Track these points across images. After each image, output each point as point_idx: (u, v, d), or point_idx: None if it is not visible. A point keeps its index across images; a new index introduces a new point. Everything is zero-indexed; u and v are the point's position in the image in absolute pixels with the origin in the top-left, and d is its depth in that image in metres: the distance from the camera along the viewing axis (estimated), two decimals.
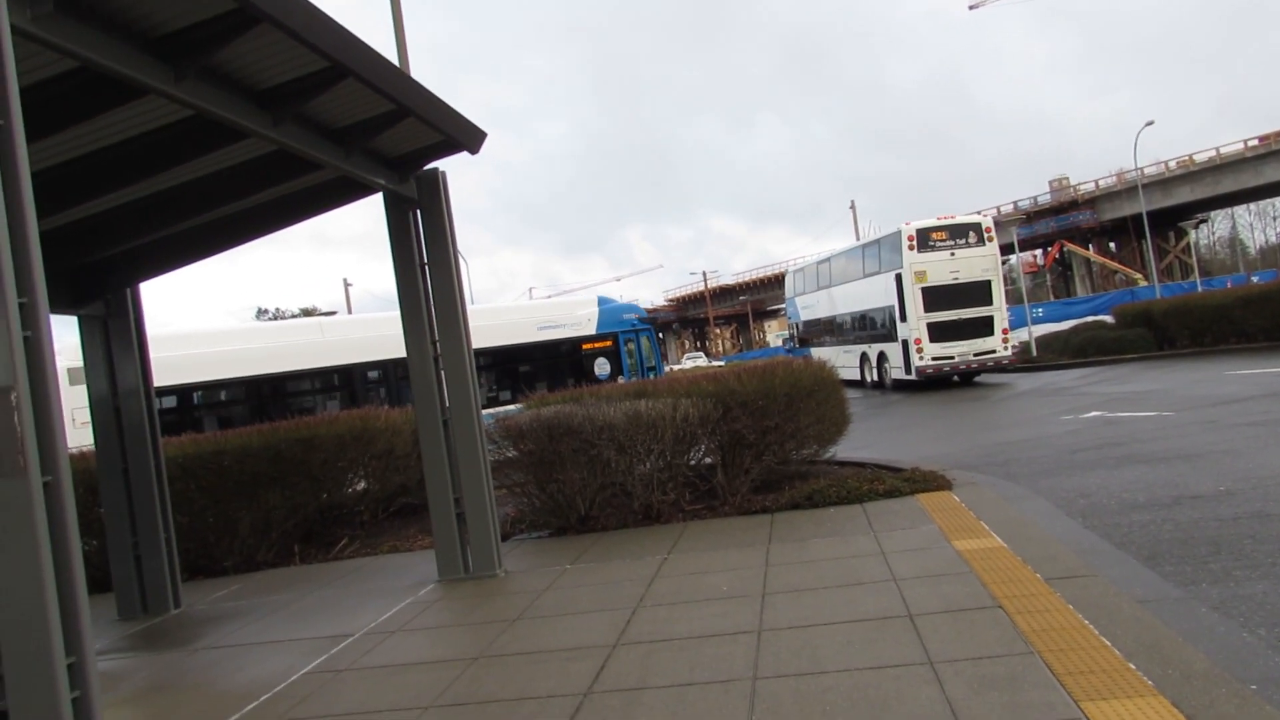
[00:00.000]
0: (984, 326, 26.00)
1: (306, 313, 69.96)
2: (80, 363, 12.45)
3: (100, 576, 9.34)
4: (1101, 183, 78.40)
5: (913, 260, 26.03)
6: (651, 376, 21.75)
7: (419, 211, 8.72)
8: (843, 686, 4.68)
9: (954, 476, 10.09)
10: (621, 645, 5.91)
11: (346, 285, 69.62)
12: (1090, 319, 37.30)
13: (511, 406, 17.03)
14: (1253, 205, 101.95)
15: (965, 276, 26.05)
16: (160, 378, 16.23)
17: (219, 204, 8.26)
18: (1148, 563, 6.59)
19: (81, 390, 15.44)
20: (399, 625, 7.29)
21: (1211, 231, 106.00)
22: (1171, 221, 76.30)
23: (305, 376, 18.69)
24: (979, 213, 37.46)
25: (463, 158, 8.50)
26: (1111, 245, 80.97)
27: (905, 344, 26.49)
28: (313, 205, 8.98)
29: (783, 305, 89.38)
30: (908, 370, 26.58)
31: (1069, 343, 29.58)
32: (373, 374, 19.32)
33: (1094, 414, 15.39)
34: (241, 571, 10.74)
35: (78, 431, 14.68)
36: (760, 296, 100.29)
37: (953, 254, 26.09)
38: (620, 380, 21.80)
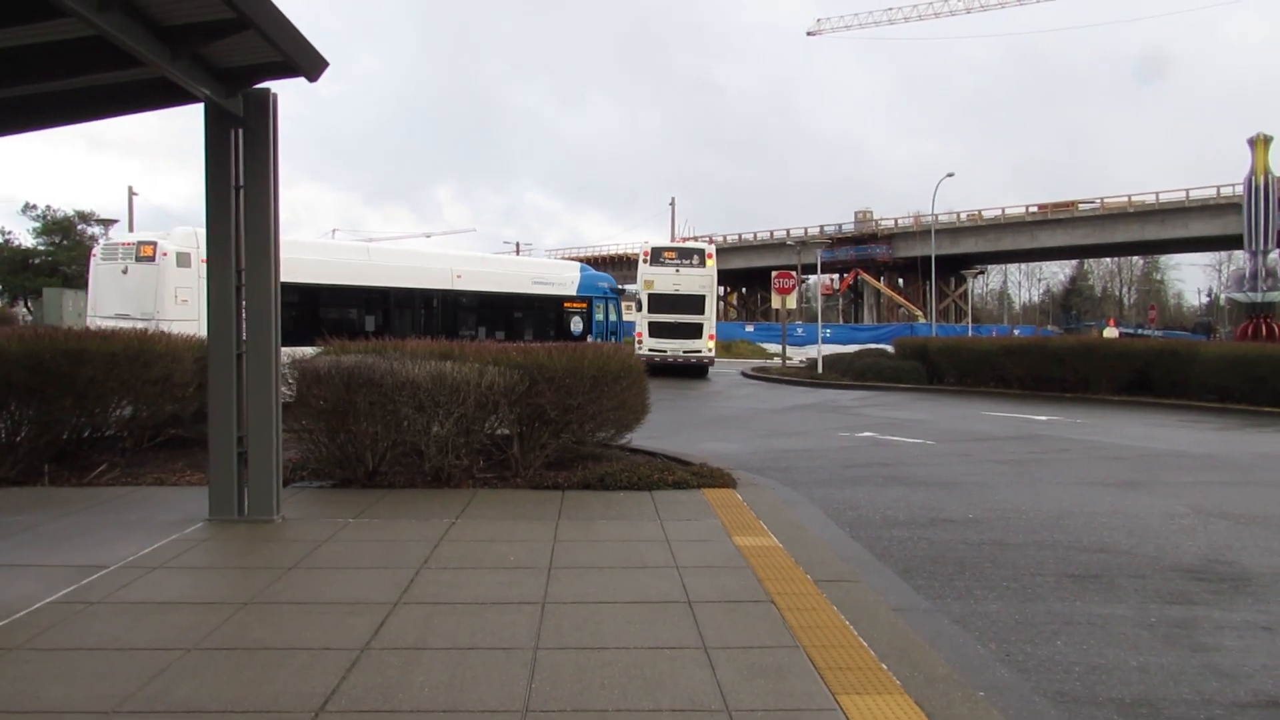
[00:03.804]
0: (695, 330, 32.44)
1: (82, 216, 64.07)
2: (188, 248, 11.40)
3: None
4: (900, 222, 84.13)
5: (645, 271, 32.62)
6: (612, 340, 26.09)
7: (241, 131, 8.19)
8: (621, 662, 4.84)
9: (739, 476, 10.57)
10: (403, 604, 5.84)
11: (131, 193, 64.20)
12: (873, 346, 39.96)
13: None
14: (1025, 265, 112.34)
15: (685, 290, 32.32)
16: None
17: (14, 83, 7.45)
18: (903, 575, 7.18)
19: (186, 272, 15.03)
20: (162, 561, 6.86)
21: (986, 283, 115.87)
22: (955, 268, 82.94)
23: (349, 293, 20.98)
24: (788, 231, 40.64)
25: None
26: (900, 281, 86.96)
27: (635, 336, 32.35)
28: (121, 103, 8.28)
29: None
30: None
31: (852, 365, 31.51)
32: (408, 300, 22.16)
33: (867, 434, 16.51)
34: None
35: (178, 306, 15.33)
36: None
37: (678, 270, 32.55)
38: (589, 339, 25.59)
